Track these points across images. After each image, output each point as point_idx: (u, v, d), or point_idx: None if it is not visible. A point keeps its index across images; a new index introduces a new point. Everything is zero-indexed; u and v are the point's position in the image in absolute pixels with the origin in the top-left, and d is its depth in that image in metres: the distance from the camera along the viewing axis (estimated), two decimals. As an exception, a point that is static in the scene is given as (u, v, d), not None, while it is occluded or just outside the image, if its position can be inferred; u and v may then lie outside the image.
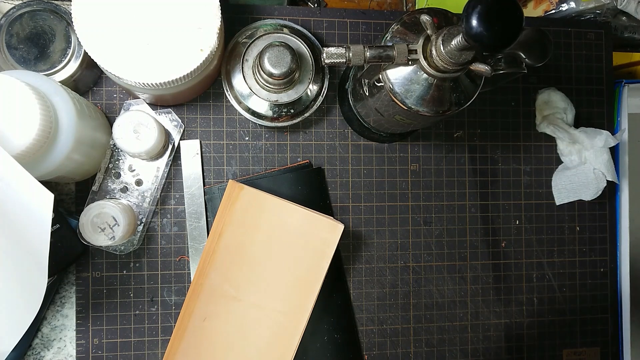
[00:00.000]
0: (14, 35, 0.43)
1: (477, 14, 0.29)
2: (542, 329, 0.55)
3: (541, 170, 0.56)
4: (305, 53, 0.46)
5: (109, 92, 0.49)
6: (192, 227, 0.49)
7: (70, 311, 0.49)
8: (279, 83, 0.44)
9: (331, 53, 0.37)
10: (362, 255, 0.53)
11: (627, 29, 0.60)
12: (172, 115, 0.49)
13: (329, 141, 0.52)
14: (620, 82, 0.56)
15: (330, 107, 0.52)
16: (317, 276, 0.45)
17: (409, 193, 0.53)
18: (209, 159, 0.50)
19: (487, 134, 0.55)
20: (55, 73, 0.44)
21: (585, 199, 0.53)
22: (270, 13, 0.51)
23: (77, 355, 0.48)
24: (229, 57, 0.47)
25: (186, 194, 0.49)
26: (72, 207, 0.49)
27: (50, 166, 0.37)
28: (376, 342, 0.52)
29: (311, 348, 0.49)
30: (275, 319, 0.45)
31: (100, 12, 0.38)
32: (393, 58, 0.36)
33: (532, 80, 0.56)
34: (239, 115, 0.51)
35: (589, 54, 0.57)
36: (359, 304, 0.52)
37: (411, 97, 0.38)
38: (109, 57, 0.38)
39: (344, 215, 0.52)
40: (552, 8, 0.57)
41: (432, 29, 0.35)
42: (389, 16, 0.53)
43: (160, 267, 0.49)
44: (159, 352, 0.49)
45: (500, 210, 0.55)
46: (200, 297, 0.46)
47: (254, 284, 0.46)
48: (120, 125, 0.43)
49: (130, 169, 0.47)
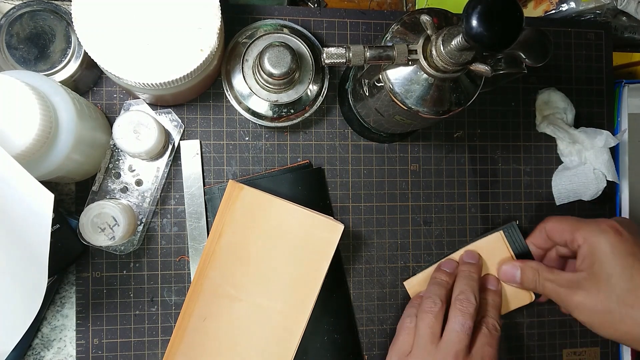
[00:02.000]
0: (14, 35, 0.43)
1: (477, 14, 0.29)
2: (542, 329, 0.55)
3: (541, 170, 0.56)
4: (305, 53, 0.46)
5: (109, 92, 0.49)
6: (192, 227, 0.49)
7: (70, 311, 0.49)
8: (279, 83, 0.44)
9: (331, 53, 0.37)
10: (362, 255, 0.53)
11: (627, 29, 0.60)
12: (172, 115, 0.49)
13: (329, 141, 0.52)
14: (620, 82, 0.56)
15: (330, 107, 0.52)
16: (317, 276, 0.45)
17: (409, 193, 0.53)
18: (209, 159, 0.50)
19: (487, 134, 0.55)
20: (55, 73, 0.44)
21: (585, 199, 0.53)
22: (270, 13, 0.51)
23: (77, 356, 0.48)
24: (229, 57, 0.47)
25: (186, 194, 0.49)
26: (72, 207, 0.49)
27: (50, 166, 0.37)
28: (376, 342, 0.52)
29: (311, 348, 0.49)
30: (276, 319, 0.45)
31: (100, 12, 0.38)
32: (393, 58, 0.36)
33: (532, 80, 0.56)
34: (239, 116, 0.51)
35: (589, 54, 0.57)
36: (359, 304, 0.52)
37: (411, 97, 0.38)
38: (109, 57, 0.38)
39: (344, 215, 0.52)
40: (552, 8, 0.57)
41: (432, 29, 0.35)
42: (389, 16, 0.53)
43: (160, 267, 0.49)
44: (159, 352, 0.49)
45: (500, 211, 0.55)
46: (200, 297, 0.46)
47: (254, 284, 0.46)
48: (120, 125, 0.43)
49: (130, 169, 0.47)
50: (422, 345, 0.44)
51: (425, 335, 0.44)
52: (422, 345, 0.44)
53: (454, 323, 0.44)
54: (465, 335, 0.43)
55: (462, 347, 0.43)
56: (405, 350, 0.45)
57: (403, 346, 0.45)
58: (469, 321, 0.44)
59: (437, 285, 0.47)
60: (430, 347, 0.43)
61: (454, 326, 0.44)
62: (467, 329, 0.43)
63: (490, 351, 0.44)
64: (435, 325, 0.44)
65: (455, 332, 0.43)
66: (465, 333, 0.43)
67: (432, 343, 0.43)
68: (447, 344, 0.43)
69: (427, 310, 0.45)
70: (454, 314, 0.44)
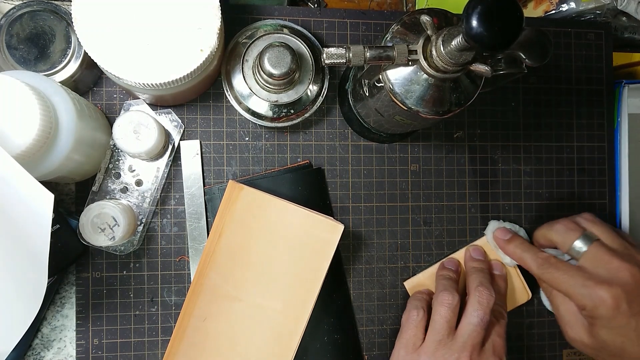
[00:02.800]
0: (14, 35, 0.43)
1: (477, 14, 0.29)
2: (542, 329, 0.55)
3: (541, 170, 0.56)
4: (305, 53, 0.47)
5: (109, 92, 0.49)
6: (192, 228, 0.49)
7: (70, 311, 0.49)
8: (279, 83, 0.44)
9: (331, 53, 0.37)
10: (362, 255, 0.53)
11: (627, 29, 0.60)
12: (172, 116, 0.49)
13: (329, 141, 0.52)
14: (620, 82, 0.56)
15: (330, 108, 0.52)
16: (317, 276, 0.45)
17: (409, 193, 0.53)
18: (209, 159, 0.50)
19: (487, 134, 0.55)
20: (55, 73, 0.44)
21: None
22: (270, 13, 0.51)
23: (77, 356, 0.48)
24: (229, 57, 0.47)
25: (186, 194, 0.49)
26: (72, 207, 0.49)
27: (50, 166, 0.37)
28: (376, 342, 0.52)
29: (311, 348, 0.49)
30: (276, 319, 0.45)
31: (100, 12, 0.38)
32: (393, 58, 0.36)
33: (532, 80, 0.56)
34: (239, 116, 0.51)
35: (589, 54, 0.57)
36: (359, 304, 0.52)
37: (411, 97, 0.38)
38: (109, 57, 0.38)
39: (344, 216, 0.52)
40: (552, 8, 0.57)
41: (432, 30, 0.35)
42: (389, 16, 0.53)
43: (160, 268, 0.49)
44: (159, 352, 0.49)
45: (500, 211, 0.55)
46: (201, 297, 0.46)
47: (254, 284, 0.46)
48: (120, 125, 0.43)
49: (130, 169, 0.47)
50: (437, 337, 0.43)
51: (442, 329, 0.43)
52: (437, 337, 0.43)
53: (472, 316, 0.43)
54: (482, 329, 0.43)
55: (478, 340, 0.42)
56: (416, 343, 0.44)
57: (412, 339, 0.44)
58: (487, 315, 0.43)
59: (448, 279, 0.47)
60: (447, 340, 0.43)
61: (472, 319, 0.43)
62: (485, 322, 0.43)
63: (499, 342, 0.44)
64: (452, 319, 0.44)
65: (473, 326, 0.43)
66: (483, 327, 0.43)
67: (449, 336, 0.43)
68: (464, 337, 0.42)
69: (444, 302, 0.44)
70: (472, 307, 0.44)
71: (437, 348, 0.43)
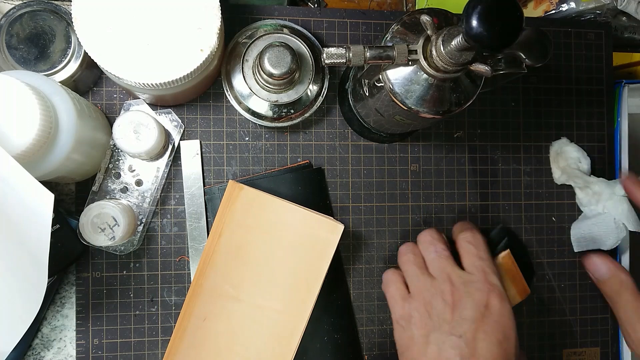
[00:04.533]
0: (14, 35, 0.43)
1: (477, 14, 0.29)
2: (542, 329, 0.55)
3: (541, 170, 0.56)
4: (305, 53, 0.47)
5: (109, 92, 0.49)
6: (192, 228, 0.49)
7: (70, 311, 0.49)
8: (279, 83, 0.44)
9: (331, 53, 0.37)
10: (362, 255, 0.53)
11: (627, 29, 0.60)
12: (172, 116, 0.49)
13: (329, 141, 0.52)
14: (620, 82, 0.56)
15: (330, 108, 0.52)
16: (317, 276, 0.45)
17: (409, 193, 0.53)
18: (209, 159, 0.50)
19: (487, 134, 0.55)
20: (55, 73, 0.44)
21: (605, 248, 0.53)
22: (270, 13, 0.51)
23: (77, 356, 0.48)
24: (229, 57, 0.47)
25: (186, 194, 0.49)
26: (72, 207, 0.49)
27: (50, 166, 0.37)
28: (376, 342, 0.52)
29: (311, 348, 0.49)
30: (276, 319, 0.45)
31: (100, 12, 0.38)
32: (393, 58, 0.36)
33: (532, 80, 0.56)
34: (239, 116, 0.51)
35: (589, 54, 0.57)
36: (359, 304, 0.52)
37: (411, 97, 0.38)
38: (109, 57, 0.38)
39: (344, 216, 0.52)
40: (552, 8, 0.57)
41: (432, 30, 0.35)
42: (389, 16, 0.53)
43: (160, 268, 0.49)
44: (159, 352, 0.49)
45: (500, 211, 0.55)
46: (200, 297, 0.46)
47: (254, 284, 0.46)
48: (120, 125, 0.43)
49: (130, 169, 0.47)
50: (415, 278, 0.45)
51: (414, 271, 0.45)
52: (415, 278, 0.45)
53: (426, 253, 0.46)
54: (442, 257, 0.45)
55: (449, 263, 0.44)
56: (403, 294, 0.45)
57: (397, 292, 0.45)
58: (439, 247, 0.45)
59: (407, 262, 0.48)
60: (422, 276, 0.44)
61: (428, 255, 0.45)
62: (440, 251, 0.45)
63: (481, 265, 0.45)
64: (417, 260, 0.45)
65: (434, 259, 0.45)
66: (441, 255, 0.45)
67: (423, 274, 0.44)
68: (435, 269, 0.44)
69: (404, 261, 0.46)
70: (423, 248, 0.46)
71: (423, 283, 0.44)
